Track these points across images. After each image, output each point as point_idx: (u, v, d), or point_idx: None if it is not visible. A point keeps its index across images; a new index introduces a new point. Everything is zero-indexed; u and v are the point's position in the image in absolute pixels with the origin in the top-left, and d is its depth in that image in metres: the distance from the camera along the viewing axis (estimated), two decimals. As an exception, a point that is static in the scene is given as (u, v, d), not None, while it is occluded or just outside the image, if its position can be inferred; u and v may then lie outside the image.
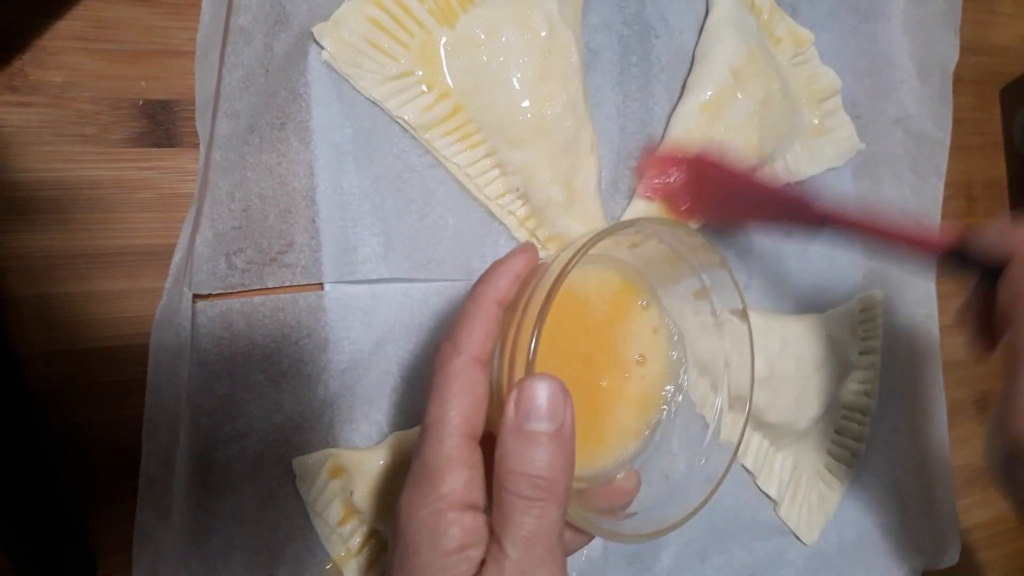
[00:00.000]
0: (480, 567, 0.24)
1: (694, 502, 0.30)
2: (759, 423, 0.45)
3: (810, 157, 0.49)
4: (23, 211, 0.32)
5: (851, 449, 0.50)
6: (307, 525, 0.35)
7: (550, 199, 0.39)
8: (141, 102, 0.34)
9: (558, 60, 0.38)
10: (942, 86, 0.52)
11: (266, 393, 0.35)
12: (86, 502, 0.33)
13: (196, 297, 0.33)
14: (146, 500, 0.32)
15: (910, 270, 0.52)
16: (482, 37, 0.37)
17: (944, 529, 0.52)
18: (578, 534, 0.29)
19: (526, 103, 0.37)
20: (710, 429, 0.32)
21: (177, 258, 0.33)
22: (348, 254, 0.36)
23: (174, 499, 0.32)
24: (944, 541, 0.52)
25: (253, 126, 0.34)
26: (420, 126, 0.37)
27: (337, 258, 0.36)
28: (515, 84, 0.37)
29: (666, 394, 0.33)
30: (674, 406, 0.32)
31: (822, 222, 0.38)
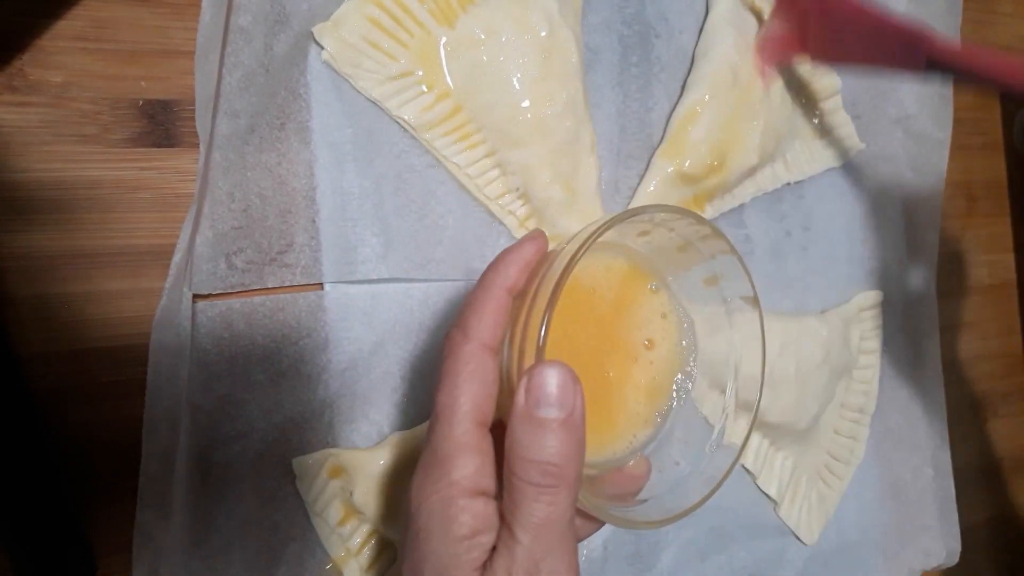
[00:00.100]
0: (491, 553, 0.24)
1: (705, 489, 0.30)
2: (759, 423, 0.45)
3: (810, 157, 0.49)
4: (23, 211, 0.32)
5: (851, 449, 0.50)
6: (307, 525, 0.35)
7: (550, 199, 0.39)
8: (141, 102, 0.34)
9: (558, 60, 0.38)
10: (942, 86, 0.52)
11: (266, 393, 0.35)
12: (86, 502, 0.33)
13: (196, 297, 0.33)
14: (146, 500, 0.32)
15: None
16: (482, 37, 0.37)
17: (944, 529, 0.53)
18: (589, 521, 0.29)
19: (526, 103, 0.37)
20: (720, 418, 0.32)
21: (177, 258, 0.33)
22: (348, 254, 0.36)
23: (174, 499, 0.32)
24: (944, 541, 0.52)
25: (253, 126, 0.34)
26: (420, 126, 0.37)
27: (337, 258, 0.36)
28: (515, 84, 0.37)
29: (676, 382, 0.33)
30: (684, 394, 0.32)
31: (931, 59, 0.38)
